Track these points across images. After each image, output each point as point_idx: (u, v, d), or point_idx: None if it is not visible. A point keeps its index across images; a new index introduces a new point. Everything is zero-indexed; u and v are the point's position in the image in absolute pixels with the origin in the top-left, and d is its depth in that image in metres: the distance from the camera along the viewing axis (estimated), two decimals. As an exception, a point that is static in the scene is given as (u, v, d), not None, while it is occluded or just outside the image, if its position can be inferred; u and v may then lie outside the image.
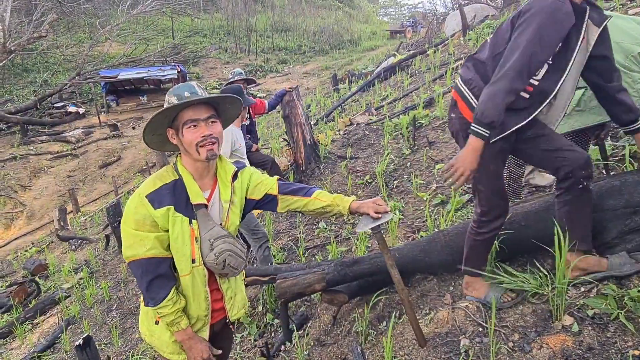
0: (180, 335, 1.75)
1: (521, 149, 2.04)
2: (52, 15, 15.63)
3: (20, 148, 15.86)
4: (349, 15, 34.91)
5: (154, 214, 1.64)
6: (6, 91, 20.23)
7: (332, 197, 1.88)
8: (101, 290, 5.57)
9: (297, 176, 5.74)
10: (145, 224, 1.65)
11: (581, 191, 1.90)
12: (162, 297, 1.67)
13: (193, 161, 1.73)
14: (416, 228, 3.66)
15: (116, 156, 15.55)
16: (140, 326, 1.89)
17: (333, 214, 1.90)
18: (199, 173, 1.75)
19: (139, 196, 1.66)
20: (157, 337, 1.80)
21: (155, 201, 1.65)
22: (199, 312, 1.79)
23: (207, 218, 1.73)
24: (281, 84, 20.19)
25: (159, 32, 27.16)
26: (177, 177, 1.72)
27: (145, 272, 1.66)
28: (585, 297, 1.99)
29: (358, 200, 1.87)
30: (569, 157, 1.88)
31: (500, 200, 2.05)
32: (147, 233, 1.65)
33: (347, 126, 7.34)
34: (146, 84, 20.87)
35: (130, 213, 1.66)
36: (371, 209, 1.81)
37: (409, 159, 5.16)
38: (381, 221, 1.81)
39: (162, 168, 1.78)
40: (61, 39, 24.47)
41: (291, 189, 1.92)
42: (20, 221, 13.03)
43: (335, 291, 2.80)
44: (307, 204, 1.88)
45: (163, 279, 1.68)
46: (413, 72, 10.50)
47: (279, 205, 1.92)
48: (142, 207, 1.65)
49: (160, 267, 1.68)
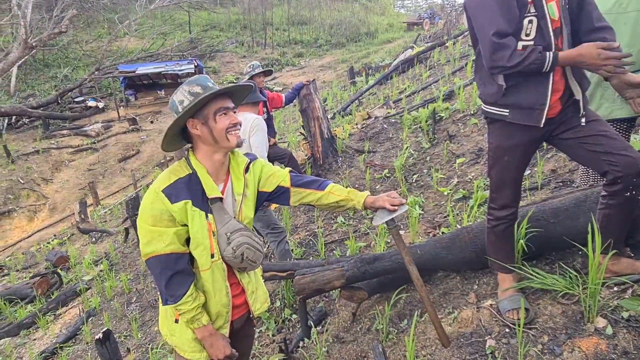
0: (201, 332, 1.72)
1: (563, 145, 1.92)
2: (72, 11, 15.80)
3: (42, 142, 16.16)
4: (366, 8, 34.58)
5: (171, 208, 1.61)
6: (28, 86, 20.63)
7: (347, 192, 1.86)
8: (121, 283, 5.62)
9: (315, 170, 5.69)
10: (162, 219, 1.62)
11: (628, 199, 1.77)
12: (181, 293, 1.64)
13: (211, 154, 1.70)
14: (437, 224, 3.58)
15: (135, 150, 15.74)
16: (160, 327, 1.86)
17: (347, 208, 1.88)
18: (215, 166, 1.73)
19: (155, 191, 1.63)
20: (177, 336, 1.77)
21: (172, 195, 1.62)
22: (219, 308, 1.76)
23: (222, 212, 1.71)
24: (297, 77, 20.14)
25: (176, 27, 27.33)
26: (191, 172, 1.69)
27: (164, 268, 1.63)
28: (619, 298, 1.90)
29: (372, 196, 1.85)
30: (620, 163, 1.72)
31: (509, 190, 2.00)
32: (165, 228, 1.62)
33: (365, 120, 7.25)
34: (164, 78, 21.06)
35: (146, 209, 1.63)
36: (387, 202, 1.79)
37: (428, 152, 5.06)
38: (397, 213, 1.80)
39: (174, 163, 1.74)
40: (81, 34, 24.80)
41: (304, 182, 1.90)
42: (43, 213, 13.31)
43: (354, 288, 2.75)
44: (320, 198, 1.87)
45: (182, 275, 1.65)
46: (432, 65, 10.33)
47: (291, 198, 1.90)
48: (158, 202, 1.61)
49: (179, 263, 1.65)
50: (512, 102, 1.83)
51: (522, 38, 1.75)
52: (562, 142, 1.90)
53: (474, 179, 3.99)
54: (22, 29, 12.73)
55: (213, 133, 1.66)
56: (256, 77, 4.96)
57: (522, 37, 1.75)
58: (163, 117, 18.11)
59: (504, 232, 2.08)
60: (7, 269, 8.99)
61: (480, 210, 3.30)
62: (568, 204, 2.22)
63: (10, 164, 14.53)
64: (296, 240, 4.40)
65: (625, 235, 1.95)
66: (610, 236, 1.84)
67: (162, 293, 1.69)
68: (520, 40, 1.75)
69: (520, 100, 1.82)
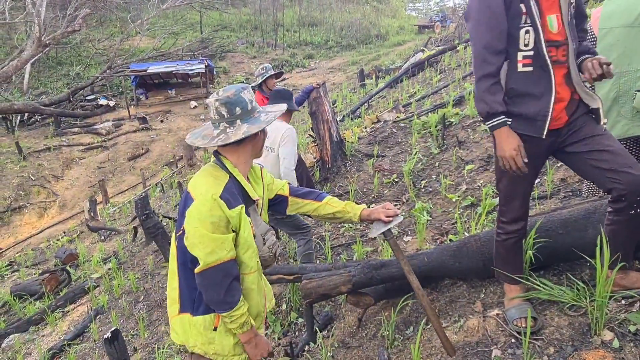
0: (248, 335, 1.73)
1: (568, 159, 1.90)
2: (86, 10, 15.96)
3: (54, 139, 16.35)
4: (377, 10, 34.59)
5: (229, 214, 1.61)
6: (41, 84, 20.88)
7: (344, 204, 1.94)
8: (129, 282, 5.67)
9: (323, 173, 5.70)
10: (220, 226, 1.61)
11: (633, 216, 1.75)
12: (238, 298, 1.66)
13: (248, 159, 1.77)
14: (445, 230, 3.58)
15: (145, 149, 15.87)
16: (184, 339, 1.80)
17: (343, 221, 1.96)
18: (247, 171, 1.79)
19: (212, 198, 1.59)
20: (217, 344, 1.75)
21: (229, 201, 1.62)
22: (259, 307, 1.81)
23: (256, 214, 1.78)
24: (307, 79, 20.19)
25: (187, 27, 27.54)
26: (229, 176, 1.70)
27: (226, 275, 1.62)
28: (627, 312, 1.89)
29: (368, 208, 1.92)
30: (623, 181, 1.70)
31: (518, 203, 1.97)
32: (224, 235, 1.61)
33: (374, 123, 7.26)
34: (174, 77, 21.22)
35: (205, 216, 1.59)
36: (382, 214, 1.86)
37: (437, 158, 5.06)
38: (391, 225, 1.86)
39: (207, 168, 1.73)
40: (94, 33, 25.07)
41: (302, 192, 1.99)
42: (53, 210, 13.46)
43: (361, 293, 2.76)
44: (317, 208, 1.95)
45: (238, 280, 1.68)
46: (442, 69, 10.31)
47: (289, 207, 1.99)
48: (217, 208, 1.59)
49: (236, 269, 1.68)
50: (515, 112, 1.81)
51: (521, 48, 1.76)
52: (568, 156, 1.88)
53: (482, 186, 3.98)
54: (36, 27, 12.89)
55: (262, 141, 1.77)
56: (268, 79, 5.00)
57: (521, 47, 1.76)
58: (173, 117, 18.23)
59: (514, 246, 2.06)
60: (17, 265, 9.11)
61: (489, 218, 3.30)
62: (577, 215, 2.21)
63: (22, 161, 14.71)
64: (303, 243, 4.41)
65: (634, 249, 1.94)
66: (618, 250, 1.83)
67: (215, 302, 1.65)
68: (520, 51, 1.76)
69: (522, 110, 1.80)
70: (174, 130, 17.05)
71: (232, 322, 1.68)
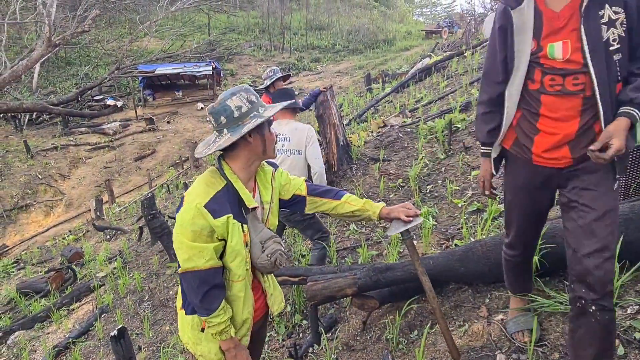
0: (227, 344, 1.73)
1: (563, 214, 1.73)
2: (95, 11, 16.11)
3: (61, 138, 16.47)
4: (384, 15, 34.66)
5: (213, 224, 1.60)
6: (50, 83, 21.06)
7: (363, 202, 1.90)
8: (134, 281, 5.70)
9: (329, 177, 5.71)
10: (202, 235, 1.60)
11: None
12: (216, 306, 1.65)
13: (250, 163, 1.72)
14: (450, 235, 3.58)
15: (151, 149, 15.95)
16: (181, 335, 1.86)
17: (362, 219, 1.92)
18: (249, 176, 1.75)
19: (196, 207, 1.59)
20: (204, 345, 1.77)
21: (215, 211, 1.60)
22: (246, 315, 1.78)
23: (256, 221, 1.74)
24: (314, 82, 20.23)
25: (195, 29, 27.71)
26: (226, 183, 1.69)
27: (202, 282, 1.63)
28: (632, 319, 1.90)
29: (388, 207, 1.88)
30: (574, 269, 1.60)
31: (512, 231, 1.92)
32: (205, 244, 1.61)
33: (381, 128, 7.27)
34: (182, 79, 21.33)
35: (186, 224, 1.60)
36: (402, 213, 1.82)
37: (443, 163, 5.07)
38: (412, 224, 1.82)
39: (206, 174, 1.73)
40: (102, 33, 25.28)
41: (320, 191, 1.94)
42: (59, 209, 13.55)
43: (366, 296, 2.77)
44: (336, 207, 1.91)
45: (218, 289, 1.67)
46: (449, 74, 10.31)
47: (307, 206, 1.94)
48: (200, 218, 1.59)
49: (216, 277, 1.66)
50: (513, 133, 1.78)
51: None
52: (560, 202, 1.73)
53: (488, 192, 3.98)
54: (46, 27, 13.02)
55: (266, 144, 1.70)
56: (276, 81, 5.03)
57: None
58: (179, 118, 18.33)
59: (517, 267, 2.04)
60: (23, 262, 9.17)
61: (495, 224, 3.30)
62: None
63: (30, 159, 14.83)
64: (308, 246, 4.43)
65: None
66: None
67: (194, 305, 1.69)
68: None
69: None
70: (180, 131, 17.13)
71: (210, 327, 1.70)
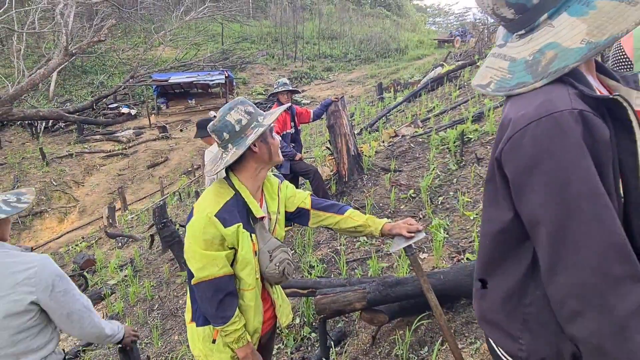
0: (244, 350, 1.74)
1: None
2: (111, 21, 16.41)
3: (76, 146, 16.72)
4: (397, 24, 34.73)
5: (224, 233, 1.62)
6: (66, 91, 21.43)
7: (365, 218, 1.90)
8: (144, 289, 5.72)
9: (339, 187, 5.69)
10: (214, 244, 1.63)
11: None
12: (231, 314, 1.67)
13: (258, 172, 1.75)
14: (462, 249, 3.53)
15: (164, 157, 16.10)
16: (192, 348, 1.86)
17: (364, 234, 1.93)
18: (256, 186, 1.77)
19: (207, 216, 1.61)
20: (215, 357, 1.78)
21: (225, 220, 1.63)
22: (256, 324, 1.79)
23: (264, 231, 1.76)
24: (326, 91, 20.30)
25: (209, 38, 28.05)
26: (234, 193, 1.71)
27: (217, 291, 1.65)
28: None
29: (390, 222, 1.88)
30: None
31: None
32: (217, 252, 1.63)
33: (392, 137, 7.24)
34: (195, 88, 21.55)
35: (198, 233, 1.62)
36: (404, 229, 1.82)
37: (455, 174, 5.01)
38: (414, 240, 1.81)
39: (214, 186, 1.75)
40: (118, 43, 25.70)
41: (324, 205, 1.96)
42: (73, 216, 13.70)
43: (375, 311, 2.73)
44: (339, 222, 1.93)
45: (232, 296, 1.69)
46: (462, 84, 10.26)
47: (310, 219, 1.97)
48: (211, 226, 1.61)
49: (230, 285, 1.68)
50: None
51: None
52: None
53: (501, 204, 3.91)
54: (63, 36, 13.29)
55: (271, 150, 1.72)
56: (279, 94, 5.05)
57: None
58: (192, 126, 18.50)
59: None
60: (37, 268, 9.25)
61: (507, 237, 3.24)
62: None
63: (45, 166, 15.06)
64: (318, 257, 4.40)
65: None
66: None
67: (209, 315, 1.70)
68: None
69: None
70: (192, 139, 17.28)
71: (226, 335, 1.70)
